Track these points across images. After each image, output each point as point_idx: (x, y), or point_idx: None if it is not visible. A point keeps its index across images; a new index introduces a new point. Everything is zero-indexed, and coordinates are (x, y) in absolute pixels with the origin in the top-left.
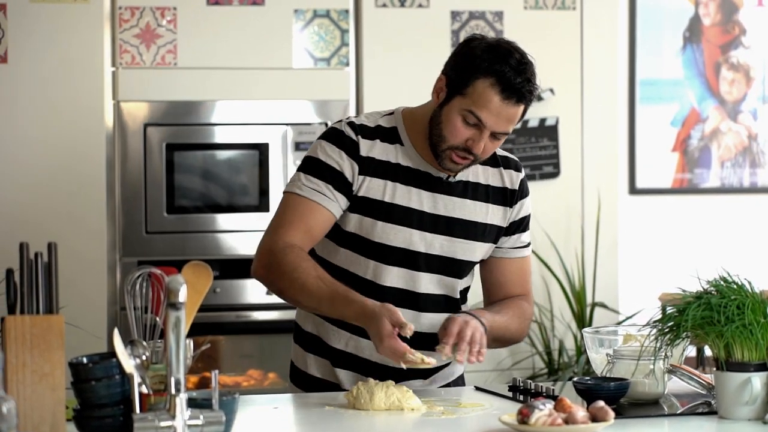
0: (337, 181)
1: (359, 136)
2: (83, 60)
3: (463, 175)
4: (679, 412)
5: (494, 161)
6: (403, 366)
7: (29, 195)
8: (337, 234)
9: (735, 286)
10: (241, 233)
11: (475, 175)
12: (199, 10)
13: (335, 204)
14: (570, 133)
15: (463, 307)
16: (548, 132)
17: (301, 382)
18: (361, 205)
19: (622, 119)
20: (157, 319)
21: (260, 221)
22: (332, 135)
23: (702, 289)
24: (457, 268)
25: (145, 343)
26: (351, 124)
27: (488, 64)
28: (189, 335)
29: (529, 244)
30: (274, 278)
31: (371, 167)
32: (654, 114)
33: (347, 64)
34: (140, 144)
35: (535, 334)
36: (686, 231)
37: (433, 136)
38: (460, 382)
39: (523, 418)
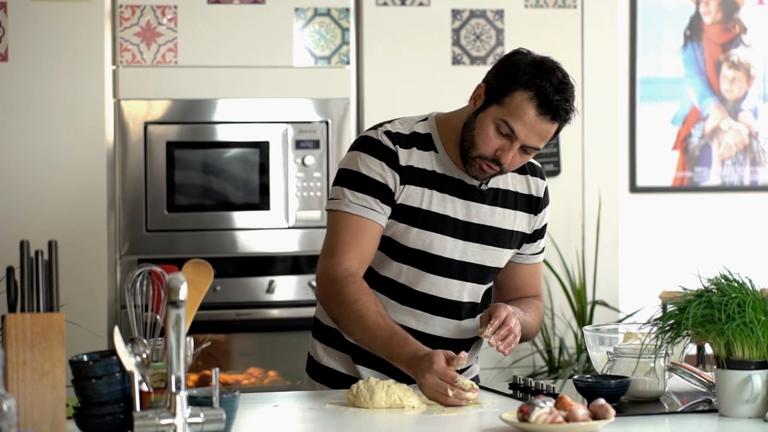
0: (383, 193)
1: (397, 146)
2: (84, 58)
3: (494, 183)
4: (679, 410)
5: (521, 168)
6: (450, 393)
7: (30, 193)
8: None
9: (736, 284)
10: (241, 231)
11: (504, 182)
12: (200, 8)
13: (383, 216)
14: (570, 131)
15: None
16: None
17: (321, 376)
18: (398, 212)
19: (623, 117)
20: (158, 317)
21: (261, 219)
22: (370, 146)
23: (703, 288)
24: (485, 275)
25: (145, 341)
26: (387, 132)
27: (529, 78)
28: (189, 333)
29: (543, 250)
30: (333, 306)
31: (410, 175)
32: (654, 112)
33: (348, 63)
34: (141, 142)
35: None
36: (687, 229)
37: (464, 142)
38: (475, 381)
39: (524, 415)
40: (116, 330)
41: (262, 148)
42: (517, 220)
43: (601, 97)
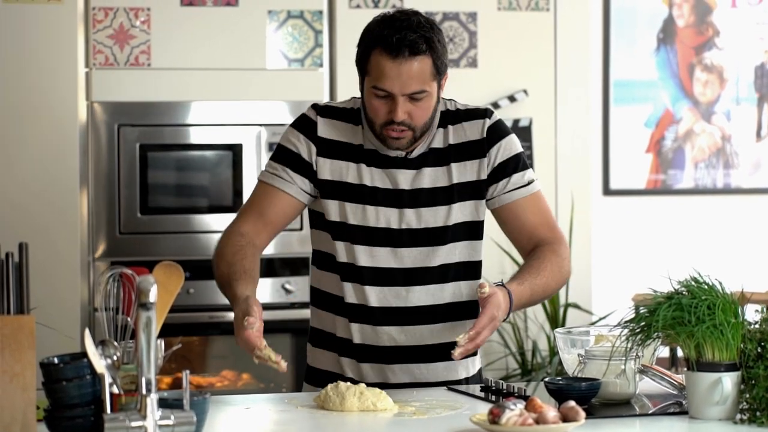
0: (294, 162)
1: (318, 116)
2: (57, 60)
3: (423, 147)
4: (650, 412)
5: (455, 118)
6: (255, 361)
7: (2, 195)
8: (317, 221)
9: (706, 287)
10: (215, 234)
11: (435, 141)
12: (173, 10)
13: (292, 185)
14: (544, 134)
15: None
16: (522, 133)
17: (311, 379)
18: (326, 189)
19: (596, 120)
20: (129, 319)
21: None
22: (297, 119)
23: (673, 290)
24: (435, 236)
25: (116, 344)
26: (315, 105)
27: (373, 36)
28: (163, 336)
29: (532, 182)
30: (217, 258)
31: (330, 149)
32: (628, 115)
33: (321, 65)
34: (114, 144)
35: (509, 334)
36: (660, 232)
37: (368, 123)
38: (478, 377)
39: (494, 418)
40: (87, 332)
41: (236, 150)
42: (456, 173)
43: (575, 100)
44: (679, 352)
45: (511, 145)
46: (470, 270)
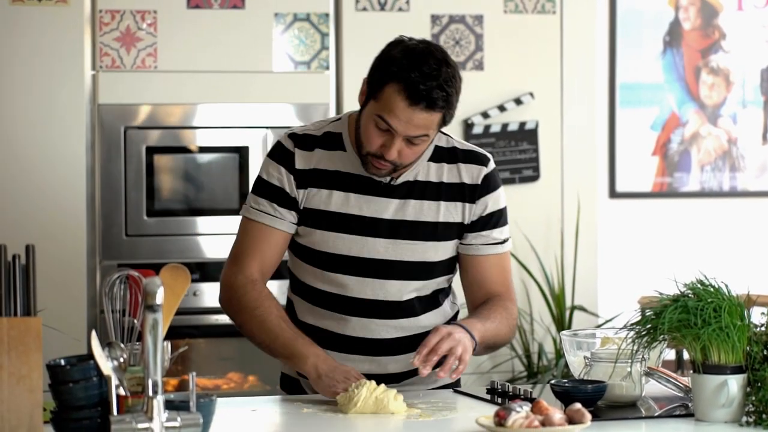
0: (280, 197)
1: (296, 148)
2: (63, 63)
3: (409, 175)
4: (656, 414)
5: (452, 157)
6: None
7: (9, 197)
8: (294, 246)
9: (712, 289)
10: (221, 236)
11: (425, 173)
12: (180, 13)
13: (283, 221)
14: (550, 136)
15: (450, 307)
16: (528, 135)
17: (288, 386)
18: (305, 217)
19: (602, 123)
20: (135, 321)
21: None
22: (274, 150)
23: (679, 292)
24: (411, 270)
25: (122, 345)
26: (292, 135)
27: (398, 69)
28: (168, 338)
29: (505, 241)
30: (234, 313)
31: (310, 178)
32: (634, 118)
33: (327, 68)
34: (120, 147)
35: (515, 337)
36: (666, 235)
37: (357, 140)
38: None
39: (500, 420)
40: (93, 334)
41: (242, 153)
42: (443, 211)
43: (581, 103)
44: (685, 355)
45: (500, 198)
46: (444, 298)
